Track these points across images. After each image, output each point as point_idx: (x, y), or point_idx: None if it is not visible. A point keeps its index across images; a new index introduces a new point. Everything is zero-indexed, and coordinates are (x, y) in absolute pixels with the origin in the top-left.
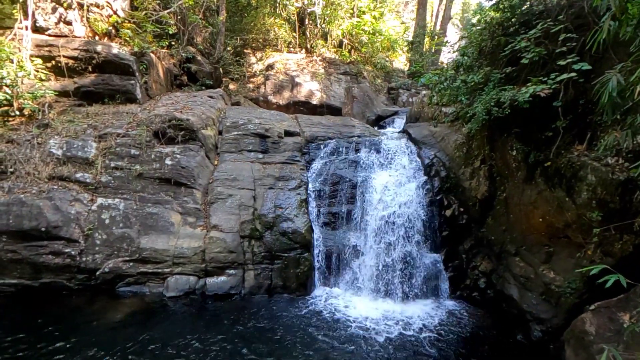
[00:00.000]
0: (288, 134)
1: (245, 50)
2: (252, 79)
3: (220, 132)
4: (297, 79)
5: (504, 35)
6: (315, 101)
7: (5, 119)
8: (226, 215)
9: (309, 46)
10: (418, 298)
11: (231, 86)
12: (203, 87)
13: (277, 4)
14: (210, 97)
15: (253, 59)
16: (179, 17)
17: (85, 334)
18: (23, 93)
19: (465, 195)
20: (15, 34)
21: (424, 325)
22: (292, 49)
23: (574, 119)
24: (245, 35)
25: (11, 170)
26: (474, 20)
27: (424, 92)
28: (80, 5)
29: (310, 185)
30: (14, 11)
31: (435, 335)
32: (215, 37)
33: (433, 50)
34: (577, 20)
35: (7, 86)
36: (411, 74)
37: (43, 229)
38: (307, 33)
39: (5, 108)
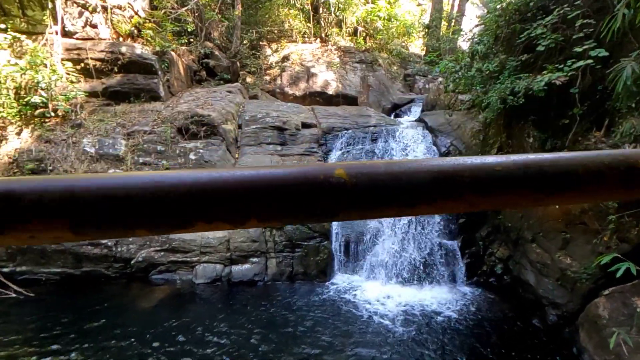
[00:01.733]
0: (305, 125)
1: (260, 43)
2: (268, 71)
3: (239, 126)
4: (312, 70)
5: (520, 22)
6: (331, 91)
7: (42, 121)
8: None
9: (323, 35)
10: (435, 284)
11: (248, 79)
12: (221, 82)
13: None
14: (229, 92)
15: (269, 51)
16: (196, 14)
17: (123, 317)
18: (57, 95)
19: None
20: (46, 40)
21: (440, 309)
22: (306, 39)
23: (592, 105)
24: (260, 27)
25: (50, 168)
26: (491, 5)
27: (440, 79)
28: (105, 8)
29: None
30: (44, 17)
31: (452, 319)
32: (232, 32)
33: (450, 34)
34: (596, 4)
35: (43, 89)
36: (429, 62)
37: None
38: (322, 22)
39: (42, 110)
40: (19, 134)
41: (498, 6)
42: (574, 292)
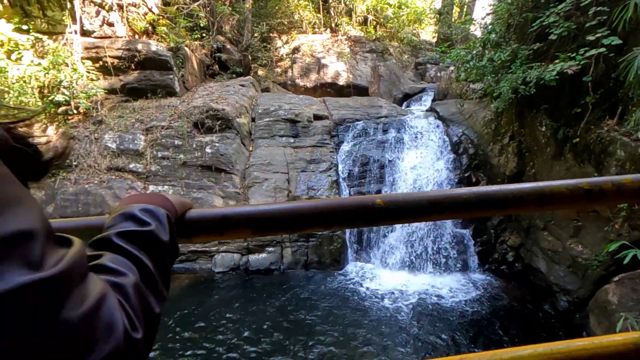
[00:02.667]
0: (317, 117)
1: (271, 35)
2: (279, 63)
3: (253, 119)
4: (323, 61)
5: (532, 10)
6: (341, 82)
7: (66, 118)
8: (263, 198)
9: (333, 25)
10: (447, 272)
11: (260, 72)
12: (234, 75)
13: None
14: (242, 85)
15: (279, 43)
16: (207, 9)
17: None
18: (78, 93)
19: (494, 171)
20: (66, 39)
21: (452, 296)
22: (317, 30)
23: (605, 93)
24: (270, 20)
25: (75, 163)
26: None
27: (451, 67)
28: (120, 7)
29: (340, 167)
30: (64, 17)
31: (464, 305)
32: (243, 25)
33: (462, 20)
34: None
35: (65, 88)
36: (440, 52)
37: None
38: (331, 11)
39: (65, 108)
40: (44, 131)
41: None
42: (585, 278)
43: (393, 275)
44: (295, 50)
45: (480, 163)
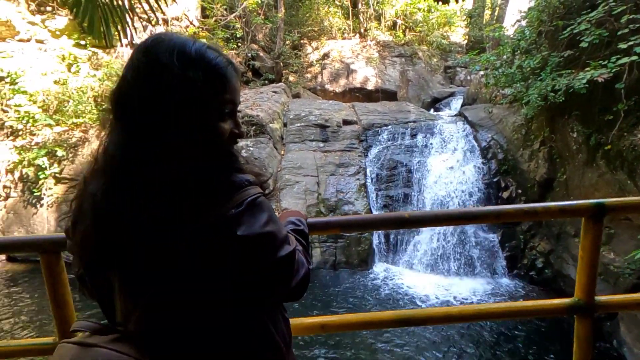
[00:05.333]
0: (346, 122)
1: (302, 42)
2: (309, 69)
3: (285, 124)
4: (352, 66)
5: (564, 17)
6: (370, 86)
7: None
8: (294, 200)
9: (362, 30)
10: (474, 275)
11: (291, 78)
12: (266, 82)
13: None
14: (275, 92)
15: (309, 49)
16: (243, 20)
17: None
18: None
19: (524, 177)
20: (118, 53)
21: (479, 299)
22: (346, 36)
23: (638, 100)
24: (301, 27)
25: None
26: (532, 4)
27: (481, 72)
28: (165, 21)
29: (368, 171)
30: (116, 33)
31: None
32: (275, 33)
33: (494, 22)
34: None
35: None
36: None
37: None
38: (360, 17)
39: None
40: (97, 136)
41: (542, 2)
42: (617, 286)
43: (419, 277)
44: (325, 56)
45: (510, 168)
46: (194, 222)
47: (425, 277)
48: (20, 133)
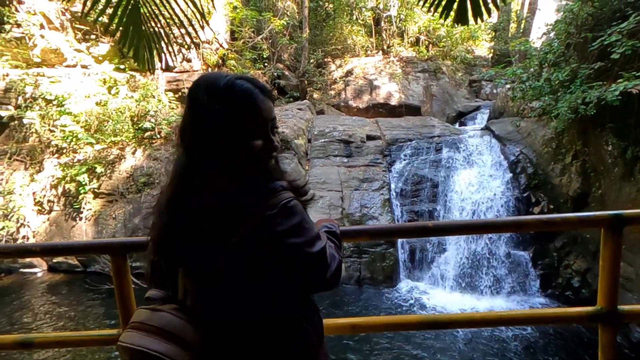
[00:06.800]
0: (370, 138)
1: (325, 60)
2: (333, 86)
3: (309, 140)
4: (375, 82)
5: (593, 28)
6: (394, 102)
7: (151, 142)
8: (319, 215)
9: (385, 47)
10: (505, 294)
11: (315, 95)
12: (291, 99)
13: (354, 11)
14: (300, 109)
15: (333, 67)
16: (269, 41)
17: None
18: (161, 120)
19: (555, 192)
20: (153, 75)
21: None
22: (369, 53)
23: None
24: (325, 46)
25: (157, 181)
26: (559, 17)
27: (507, 85)
28: (197, 45)
29: (392, 186)
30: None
31: (521, 329)
32: (300, 52)
33: (520, 36)
34: None
35: (152, 116)
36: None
37: None
38: (383, 34)
39: (150, 133)
40: (133, 153)
41: (569, 15)
42: None
43: (446, 295)
44: (349, 73)
45: (540, 183)
46: (237, 224)
47: (453, 297)
48: (64, 151)
